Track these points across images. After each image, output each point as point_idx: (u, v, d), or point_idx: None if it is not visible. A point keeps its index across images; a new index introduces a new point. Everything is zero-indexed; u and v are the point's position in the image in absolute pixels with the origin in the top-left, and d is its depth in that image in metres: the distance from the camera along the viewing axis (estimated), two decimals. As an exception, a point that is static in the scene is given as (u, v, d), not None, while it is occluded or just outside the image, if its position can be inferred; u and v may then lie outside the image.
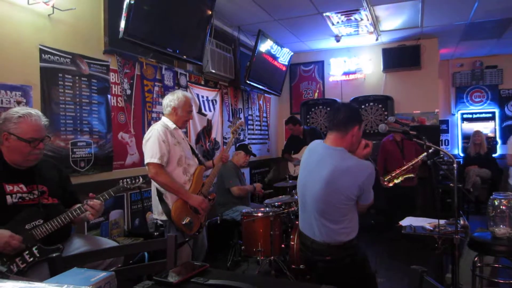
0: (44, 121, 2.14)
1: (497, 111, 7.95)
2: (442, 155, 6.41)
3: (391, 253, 4.63)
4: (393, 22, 5.77)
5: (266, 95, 7.09)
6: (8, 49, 2.70)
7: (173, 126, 2.99)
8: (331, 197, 2.15)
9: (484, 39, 6.71)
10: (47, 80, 2.95)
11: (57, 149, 3.02)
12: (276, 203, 4.13)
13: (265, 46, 5.71)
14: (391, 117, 5.33)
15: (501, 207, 2.57)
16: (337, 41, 6.39)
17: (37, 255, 1.99)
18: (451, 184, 2.51)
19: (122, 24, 3.22)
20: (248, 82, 5.53)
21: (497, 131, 7.94)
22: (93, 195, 2.22)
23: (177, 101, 3.00)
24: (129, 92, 3.77)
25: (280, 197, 4.52)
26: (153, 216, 3.09)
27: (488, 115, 8.01)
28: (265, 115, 7.21)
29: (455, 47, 7.27)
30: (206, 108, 5.16)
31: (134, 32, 3.33)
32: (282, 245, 3.85)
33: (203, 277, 1.32)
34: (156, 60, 4.13)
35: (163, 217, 2.92)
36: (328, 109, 7.17)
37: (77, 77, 3.21)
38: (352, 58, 7.15)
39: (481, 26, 5.90)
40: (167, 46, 3.83)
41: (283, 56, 6.42)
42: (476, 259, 2.76)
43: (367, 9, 5.05)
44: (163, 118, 3.05)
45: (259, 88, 6.06)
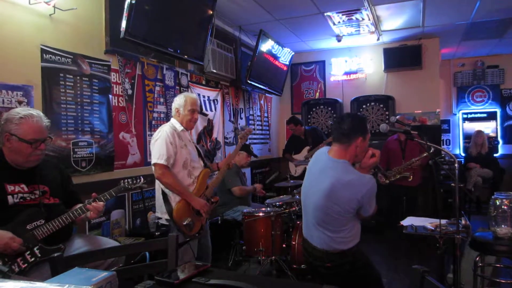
0: (45, 122, 2.14)
1: (498, 111, 7.93)
2: (443, 155, 6.41)
3: (393, 253, 4.62)
4: (394, 22, 5.77)
5: (267, 95, 7.09)
6: (9, 49, 2.70)
7: (181, 128, 3.01)
8: (330, 209, 2.17)
9: (486, 39, 6.70)
10: (48, 80, 2.95)
11: (58, 149, 3.02)
12: (277, 203, 4.13)
13: (266, 46, 5.71)
14: (393, 117, 5.33)
15: (502, 207, 2.56)
16: (338, 41, 6.38)
17: (39, 255, 1.99)
18: (452, 184, 2.51)
19: (123, 24, 3.23)
20: (249, 82, 5.53)
21: (499, 131, 7.92)
22: (96, 195, 2.22)
23: (178, 101, 3.04)
24: (130, 92, 3.78)
25: (281, 197, 4.53)
26: (157, 215, 3.11)
27: (490, 115, 8.00)
28: (266, 115, 7.21)
29: (457, 47, 7.26)
30: (207, 108, 5.17)
31: (135, 32, 3.33)
32: (283, 245, 3.85)
33: (204, 277, 1.32)
34: (157, 60, 4.13)
35: (166, 216, 2.95)
36: (329, 109, 7.17)
37: (78, 77, 3.21)
38: (353, 58, 7.15)
39: (482, 26, 5.89)
40: (168, 46, 3.83)
41: (284, 56, 6.42)
42: (477, 259, 2.76)
43: (368, 8, 5.04)
44: (171, 120, 3.09)
45: (260, 88, 6.06)
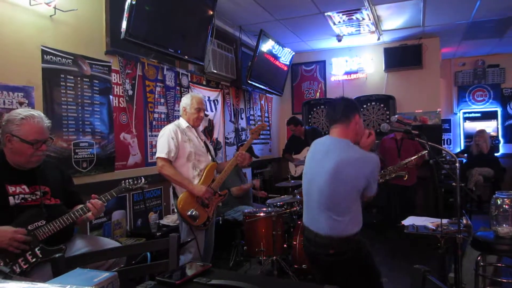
0: (46, 122, 2.15)
1: (499, 110, 7.92)
2: (444, 154, 6.40)
3: (394, 253, 4.62)
4: (394, 22, 5.77)
5: (267, 95, 7.09)
6: (10, 50, 2.70)
7: (186, 125, 3.16)
8: (337, 188, 2.15)
9: (486, 38, 6.69)
10: (49, 81, 2.95)
11: (59, 149, 3.03)
12: (278, 203, 4.13)
13: (267, 46, 5.71)
14: (394, 116, 5.33)
15: (504, 206, 2.56)
16: (339, 40, 6.38)
17: (40, 256, 1.99)
18: (453, 184, 2.51)
19: (124, 24, 3.23)
20: (249, 82, 5.53)
21: (499, 130, 7.91)
22: (96, 196, 2.23)
23: (185, 100, 3.20)
24: (131, 92, 3.78)
25: (282, 197, 4.52)
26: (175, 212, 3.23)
27: (490, 114, 7.98)
28: (266, 115, 7.21)
29: (457, 46, 7.25)
30: (208, 108, 5.17)
31: (135, 32, 3.33)
32: (284, 245, 3.84)
33: (205, 277, 1.32)
34: (158, 60, 4.13)
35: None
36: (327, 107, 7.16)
37: (79, 78, 3.21)
38: (353, 58, 7.14)
39: (483, 25, 5.88)
40: (168, 46, 3.83)
41: (285, 56, 6.42)
42: (479, 258, 2.75)
43: (369, 8, 5.04)
44: (180, 118, 3.24)
45: (260, 88, 6.06)
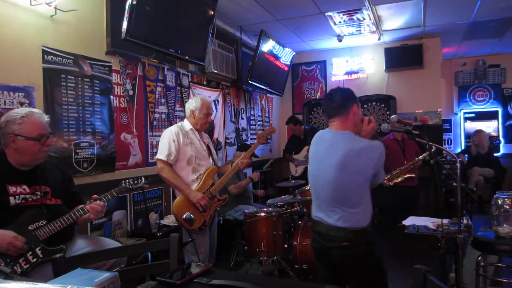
0: (46, 117, 2.16)
1: (500, 110, 7.92)
2: (445, 154, 6.40)
3: (395, 253, 4.61)
4: (395, 22, 5.76)
5: (268, 95, 7.09)
6: (10, 50, 2.71)
7: (189, 127, 3.13)
8: (346, 181, 2.15)
9: (487, 38, 6.69)
10: (49, 81, 2.95)
11: (60, 150, 3.03)
12: (278, 203, 4.13)
13: (267, 46, 5.71)
14: (394, 116, 5.32)
15: (504, 206, 2.56)
16: (339, 40, 6.38)
17: (41, 256, 1.99)
18: (454, 184, 2.51)
19: (124, 24, 3.23)
20: (250, 82, 5.53)
21: (500, 130, 7.91)
22: (96, 196, 2.23)
23: (194, 104, 3.15)
24: (131, 92, 3.78)
25: (283, 197, 4.52)
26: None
27: (491, 114, 7.98)
28: (267, 115, 7.21)
29: (458, 46, 7.25)
30: (208, 108, 5.16)
31: (136, 32, 3.34)
32: (285, 245, 3.85)
33: (206, 277, 1.32)
34: (158, 60, 4.13)
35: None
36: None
37: (79, 78, 3.21)
38: (354, 58, 7.15)
39: (483, 25, 5.88)
40: (169, 46, 3.83)
41: (285, 56, 6.42)
42: (479, 258, 2.75)
43: (369, 8, 5.04)
44: (184, 120, 3.22)
45: (261, 88, 6.06)
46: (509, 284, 3.16)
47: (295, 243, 3.73)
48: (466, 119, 8.20)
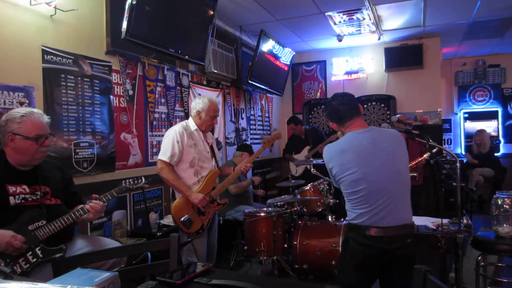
0: (46, 118, 2.16)
1: (500, 110, 7.92)
2: (445, 154, 6.40)
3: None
4: (395, 21, 5.76)
5: (268, 95, 7.09)
6: (10, 50, 2.70)
7: (194, 128, 3.06)
8: (405, 169, 2.20)
9: (487, 38, 6.69)
10: (49, 81, 2.95)
11: (59, 149, 3.03)
12: (278, 203, 4.12)
13: (267, 46, 5.71)
14: (394, 116, 5.32)
15: (504, 206, 2.57)
16: (339, 40, 6.38)
17: (40, 256, 1.99)
18: (454, 183, 2.51)
19: (124, 24, 3.23)
20: (250, 82, 5.53)
21: (500, 130, 7.91)
22: (96, 196, 2.23)
23: (201, 104, 3.05)
24: (131, 92, 3.78)
25: (283, 197, 4.52)
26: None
27: (491, 114, 7.98)
28: (267, 115, 7.20)
29: (458, 46, 7.25)
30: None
31: (136, 32, 3.33)
32: (285, 245, 3.85)
33: (206, 277, 1.32)
34: (158, 60, 4.13)
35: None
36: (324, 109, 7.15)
37: (79, 78, 3.21)
38: (354, 58, 7.15)
39: (483, 25, 5.88)
40: (169, 46, 3.83)
41: (285, 56, 6.42)
42: (479, 258, 2.76)
43: (369, 8, 5.04)
44: (189, 119, 3.15)
45: (261, 88, 6.06)
46: (509, 284, 3.16)
47: (295, 243, 3.73)
48: (466, 119, 8.20)
